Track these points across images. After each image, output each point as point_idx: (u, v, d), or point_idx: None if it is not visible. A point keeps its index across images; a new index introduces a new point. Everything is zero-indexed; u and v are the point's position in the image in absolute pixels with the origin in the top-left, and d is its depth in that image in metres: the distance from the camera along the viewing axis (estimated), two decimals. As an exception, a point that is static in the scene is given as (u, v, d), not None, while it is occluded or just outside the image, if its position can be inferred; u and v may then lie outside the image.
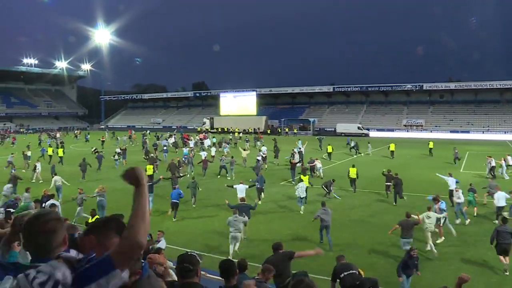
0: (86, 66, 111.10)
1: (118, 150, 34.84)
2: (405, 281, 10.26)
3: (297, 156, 29.16)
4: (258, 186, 20.65)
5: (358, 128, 68.89)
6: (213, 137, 51.32)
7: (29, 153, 33.91)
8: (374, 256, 13.20)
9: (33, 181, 26.14)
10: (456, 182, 19.53)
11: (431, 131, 66.57)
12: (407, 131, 68.53)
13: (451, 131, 65.09)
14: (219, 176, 27.84)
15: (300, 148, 35.05)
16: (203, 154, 31.24)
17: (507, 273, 11.53)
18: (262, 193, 21.09)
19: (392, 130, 68.70)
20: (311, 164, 27.76)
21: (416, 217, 13.20)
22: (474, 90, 70.19)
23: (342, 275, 8.04)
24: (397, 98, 78.15)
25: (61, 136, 62.42)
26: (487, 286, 11.00)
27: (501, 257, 11.70)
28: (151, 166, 25.47)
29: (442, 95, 75.09)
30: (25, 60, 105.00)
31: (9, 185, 20.17)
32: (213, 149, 37.76)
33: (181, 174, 24.10)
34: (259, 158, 30.64)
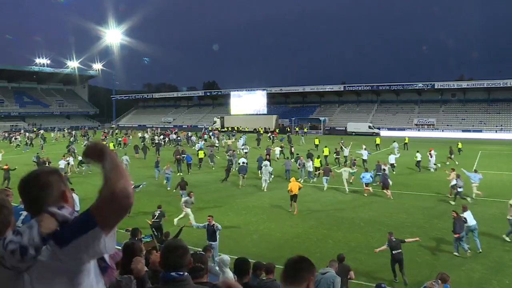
0: (98, 66, 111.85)
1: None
2: None
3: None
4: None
5: (369, 127, 68.48)
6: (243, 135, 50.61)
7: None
8: (384, 257, 13.13)
9: None
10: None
11: (442, 131, 65.97)
12: (418, 130, 67.98)
13: (463, 131, 64.34)
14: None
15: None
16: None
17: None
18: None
19: (403, 129, 68.16)
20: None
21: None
22: (486, 89, 69.21)
23: None
24: (408, 97, 77.50)
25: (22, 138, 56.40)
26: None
27: None
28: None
29: (454, 94, 74.27)
30: (38, 60, 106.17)
31: None
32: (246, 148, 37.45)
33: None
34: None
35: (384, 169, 23.90)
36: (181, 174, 27.54)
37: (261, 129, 71.59)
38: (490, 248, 13.66)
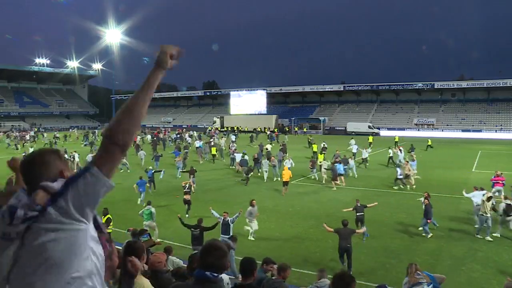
0: (97, 66, 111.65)
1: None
2: None
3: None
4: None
5: (369, 127, 68.41)
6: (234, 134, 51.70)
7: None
8: (384, 257, 13.12)
9: None
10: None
11: (442, 130, 65.95)
12: (418, 130, 67.96)
13: (463, 130, 64.33)
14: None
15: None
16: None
17: None
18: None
19: (403, 129, 68.13)
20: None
21: None
22: (486, 88, 69.17)
23: None
24: (408, 97, 77.47)
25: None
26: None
27: None
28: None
29: (453, 94, 74.22)
30: (38, 60, 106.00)
31: None
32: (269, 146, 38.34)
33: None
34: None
35: (348, 163, 26.69)
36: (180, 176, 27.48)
37: (260, 128, 71.66)
38: (490, 248, 13.66)
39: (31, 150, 41.32)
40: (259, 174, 27.74)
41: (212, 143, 38.61)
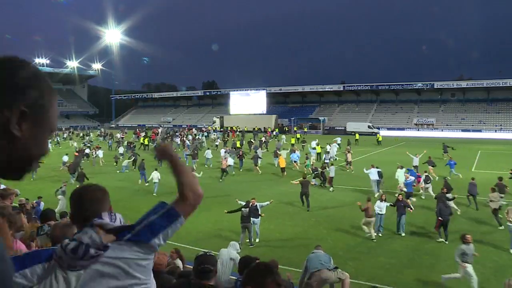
0: (97, 66, 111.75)
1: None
2: None
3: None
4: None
5: (368, 127, 68.43)
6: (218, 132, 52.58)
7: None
8: (384, 256, 13.13)
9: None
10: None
11: (442, 130, 65.99)
12: (418, 130, 68.00)
13: (463, 130, 64.39)
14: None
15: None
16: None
17: None
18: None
19: (402, 129, 68.19)
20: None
21: None
22: (486, 88, 69.24)
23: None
24: (407, 97, 77.52)
25: None
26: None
27: None
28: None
29: (453, 94, 74.27)
30: (37, 60, 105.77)
31: None
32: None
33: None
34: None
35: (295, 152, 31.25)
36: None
37: (258, 128, 71.81)
38: (490, 248, 13.66)
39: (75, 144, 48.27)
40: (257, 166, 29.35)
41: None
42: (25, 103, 1.04)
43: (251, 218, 14.22)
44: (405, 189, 18.92)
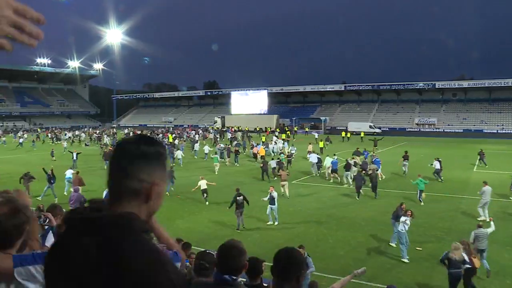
0: (98, 66, 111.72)
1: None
2: None
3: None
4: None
5: (370, 127, 68.27)
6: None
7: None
8: (384, 256, 13.12)
9: None
10: None
11: (443, 130, 65.91)
12: (419, 130, 67.91)
13: (464, 130, 64.30)
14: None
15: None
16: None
17: None
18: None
19: (404, 129, 68.11)
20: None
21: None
22: (487, 88, 69.08)
23: None
24: (409, 97, 77.39)
25: None
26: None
27: None
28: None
29: (455, 94, 74.12)
30: (39, 60, 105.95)
31: None
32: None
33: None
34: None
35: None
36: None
37: (259, 128, 71.74)
38: (491, 247, 13.63)
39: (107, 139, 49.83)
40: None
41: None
42: None
43: (269, 206, 16.58)
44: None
